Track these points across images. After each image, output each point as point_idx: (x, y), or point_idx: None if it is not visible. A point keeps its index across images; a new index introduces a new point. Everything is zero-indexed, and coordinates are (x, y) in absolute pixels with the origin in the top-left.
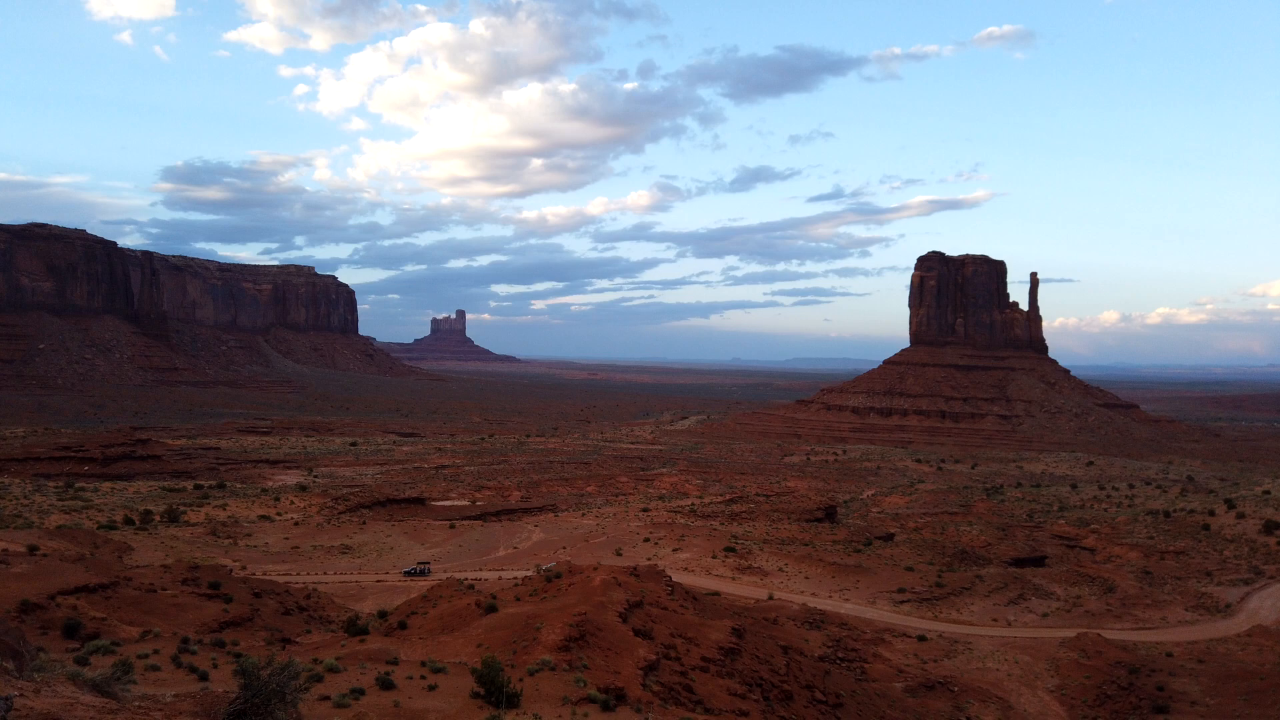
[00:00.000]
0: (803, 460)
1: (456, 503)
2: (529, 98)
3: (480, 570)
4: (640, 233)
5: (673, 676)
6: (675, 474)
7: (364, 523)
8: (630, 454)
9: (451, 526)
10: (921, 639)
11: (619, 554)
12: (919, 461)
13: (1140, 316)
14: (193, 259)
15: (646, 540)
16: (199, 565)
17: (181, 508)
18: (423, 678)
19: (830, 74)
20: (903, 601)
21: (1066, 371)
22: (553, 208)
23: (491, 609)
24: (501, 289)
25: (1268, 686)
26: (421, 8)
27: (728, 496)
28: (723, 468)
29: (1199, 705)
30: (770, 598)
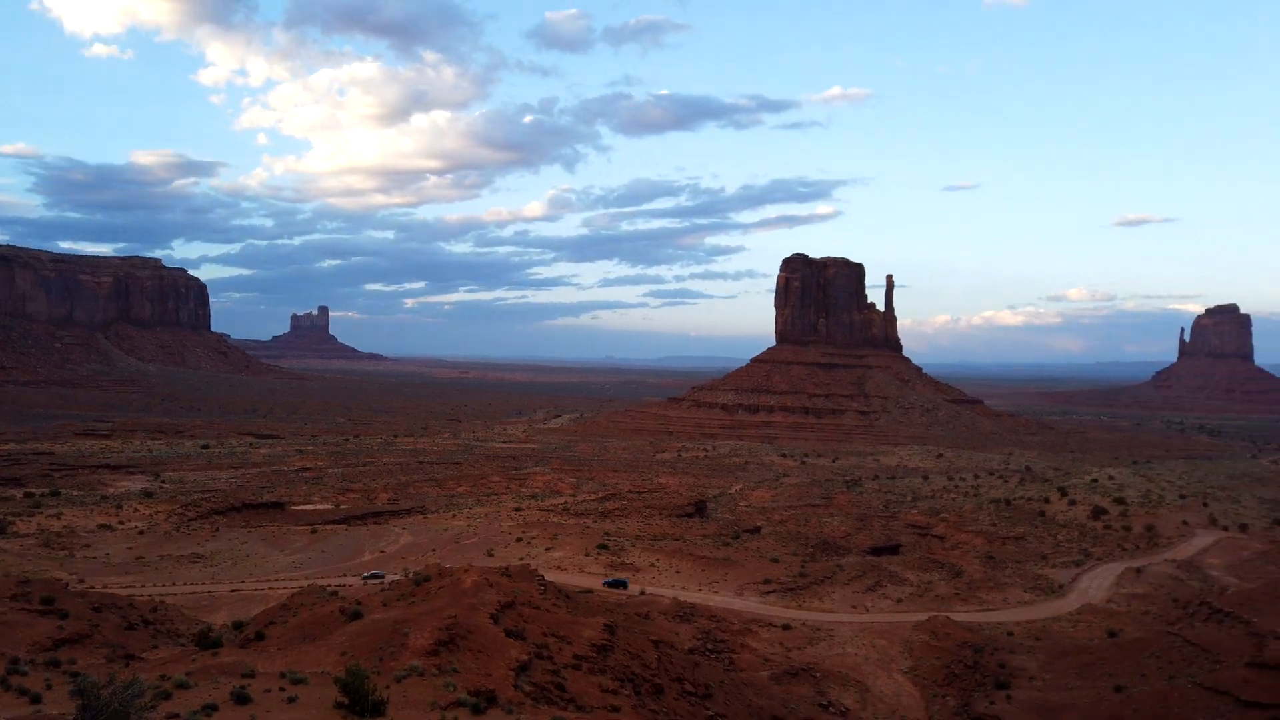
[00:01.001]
0: (674, 457)
1: (319, 506)
2: (436, 124)
3: (345, 576)
4: (520, 238)
5: (545, 676)
6: (548, 473)
7: (217, 530)
8: (502, 453)
9: (313, 531)
10: (786, 628)
11: (491, 554)
12: (784, 456)
13: (967, 318)
14: (22, 249)
15: (519, 540)
16: (30, 580)
17: (10, 518)
18: (282, 689)
19: (709, 119)
20: (769, 592)
21: (919, 369)
22: (441, 214)
23: (356, 615)
24: (374, 288)
25: (1096, 660)
26: (350, 49)
27: (601, 494)
28: (596, 465)
29: (1036, 680)
30: (642, 593)
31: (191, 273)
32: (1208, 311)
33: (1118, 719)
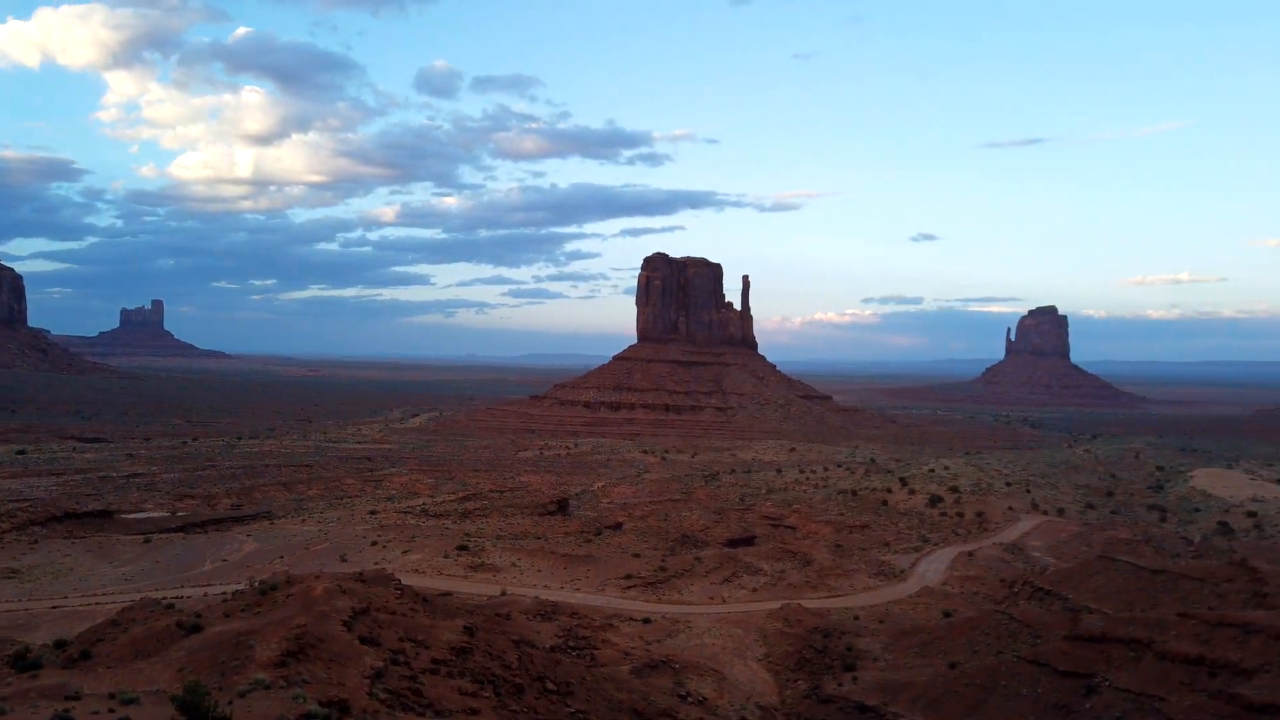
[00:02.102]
0: (536, 455)
1: (153, 514)
2: (310, 142)
3: (183, 588)
4: (382, 242)
5: (401, 682)
6: (405, 473)
7: (36, 542)
8: (357, 454)
9: (146, 541)
10: (647, 621)
11: (344, 560)
12: (646, 452)
13: (810, 318)
14: None
15: (374, 544)
16: None
17: None
18: (111, 711)
19: (579, 153)
20: (630, 587)
21: (773, 366)
22: (305, 219)
23: (195, 629)
24: (220, 285)
25: (933, 639)
26: (242, 83)
27: (461, 494)
28: (456, 465)
29: (879, 660)
30: (503, 593)
31: (11, 265)
32: (1030, 313)
33: (951, 693)
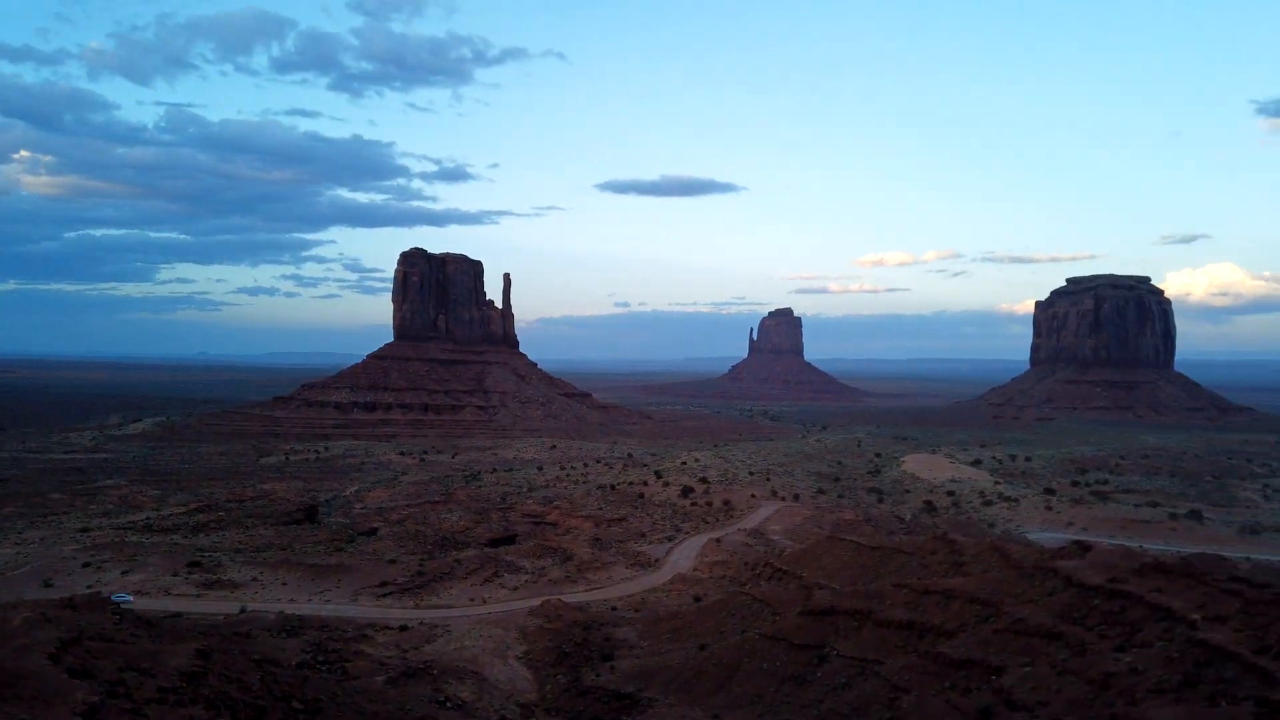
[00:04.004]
0: (281, 460)
1: None
2: None
3: None
4: (103, 241)
5: (121, 716)
6: (125, 485)
7: None
8: (65, 465)
9: None
10: (404, 629)
11: (49, 585)
12: (403, 454)
13: (565, 314)
14: None
15: (87, 565)
16: None
17: None
18: None
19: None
20: (385, 594)
21: (534, 365)
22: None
23: None
24: None
25: (685, 624)
26: None
27: (192, 506)
28: (187, 474)
29: (637, 648)
30: (243, 610)
31: None
32: (770, 314)
33: (701, 674)
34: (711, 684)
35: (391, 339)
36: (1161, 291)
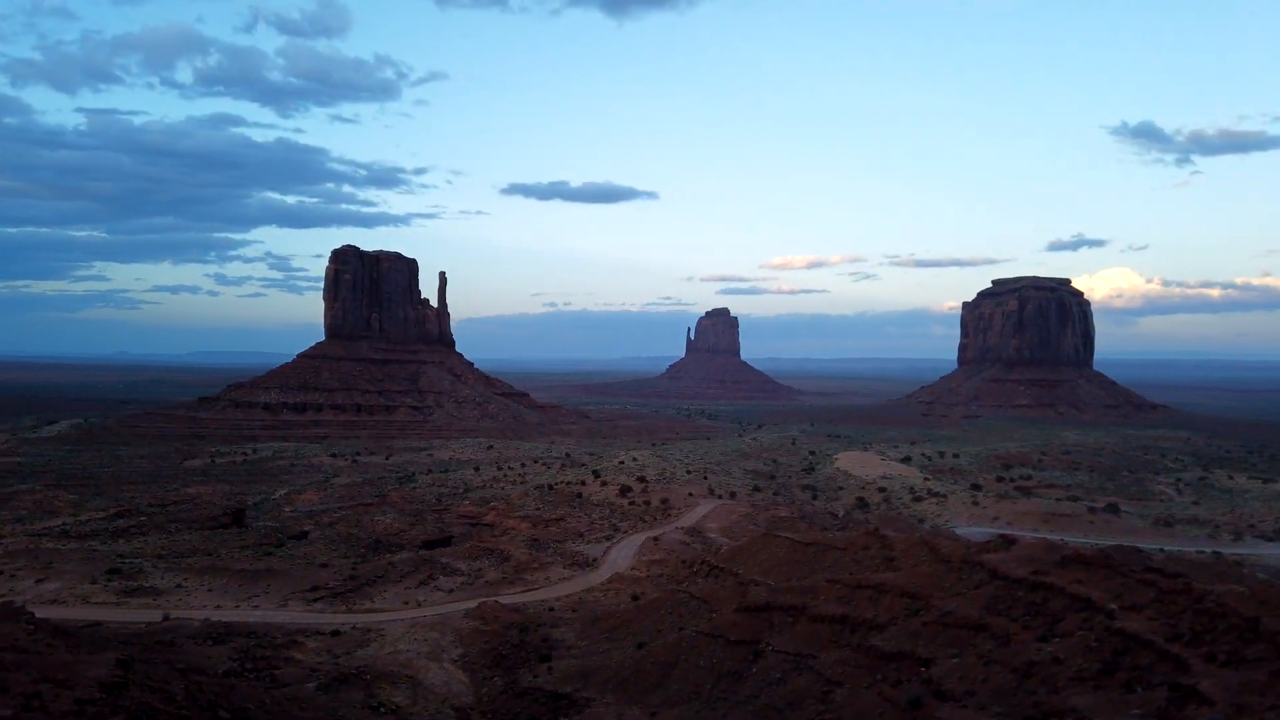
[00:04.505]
0: (207, 463)
1: None
2: None
3: None
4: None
5: None
6: (40, 490)
7: None
8: None
9: None
10: (335, 634)
11: None
12: (335, 456)
13: (496, 314)
14: None
15: None
16: None
17: None
18: None
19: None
20: (316, 599)
21: (471, 364)
22: None
23: None
24: None
25: (622, 622)
26: None
27: (112, 511)
28: (106, 478)
29: (574, 648)
30: (166, 618)
31: None
32: (707, 314)
33: (639, 672)
34: (649, 682)
35: (323, 338)
36: (1081, 294)
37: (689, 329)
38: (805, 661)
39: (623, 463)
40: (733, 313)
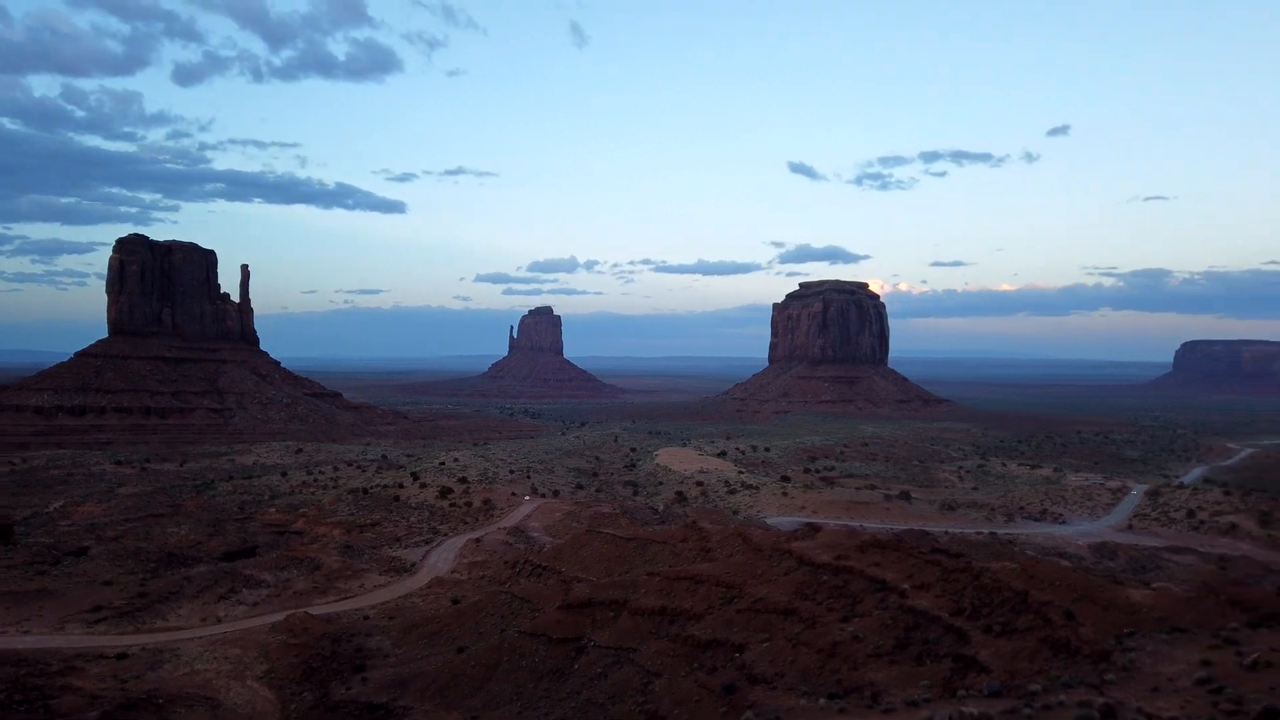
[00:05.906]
0: None
1: None
2: None
3: None
4: None
5: None
6: None
7: None
8: None
9: None
10: (122, 657)
11: None
12: (120, 463)
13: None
14: None
15: None
16: None
17: None
18: None
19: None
20: (99, 620)
21: (277, 363)
22: None
23: None
24: None
25: (442, 627)
26: None
27: None
28: None
29: (390, 657)
30: None
31: None
32: (531, 312)
33: (459, 676)
34: (470, 686)
35: (105, 335)
36: (878, 296)
37: (512, 328)
38: (626, 655)
39: (443, 464)
40: (555, 311)
